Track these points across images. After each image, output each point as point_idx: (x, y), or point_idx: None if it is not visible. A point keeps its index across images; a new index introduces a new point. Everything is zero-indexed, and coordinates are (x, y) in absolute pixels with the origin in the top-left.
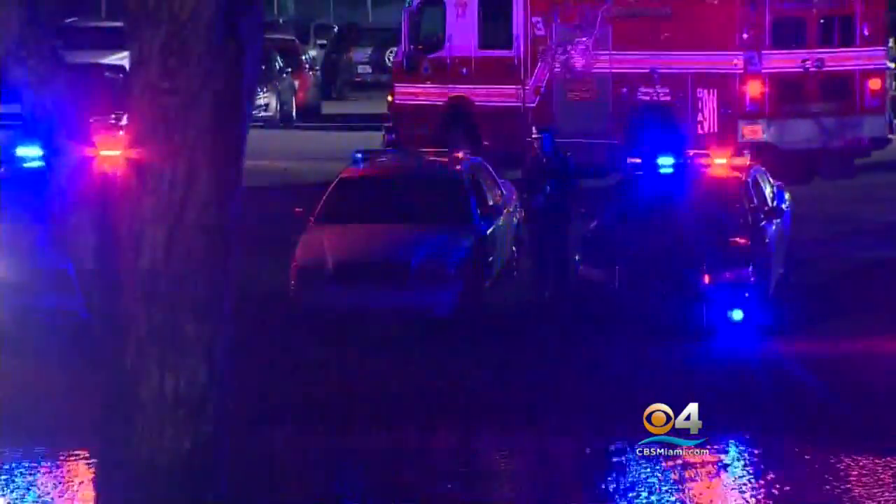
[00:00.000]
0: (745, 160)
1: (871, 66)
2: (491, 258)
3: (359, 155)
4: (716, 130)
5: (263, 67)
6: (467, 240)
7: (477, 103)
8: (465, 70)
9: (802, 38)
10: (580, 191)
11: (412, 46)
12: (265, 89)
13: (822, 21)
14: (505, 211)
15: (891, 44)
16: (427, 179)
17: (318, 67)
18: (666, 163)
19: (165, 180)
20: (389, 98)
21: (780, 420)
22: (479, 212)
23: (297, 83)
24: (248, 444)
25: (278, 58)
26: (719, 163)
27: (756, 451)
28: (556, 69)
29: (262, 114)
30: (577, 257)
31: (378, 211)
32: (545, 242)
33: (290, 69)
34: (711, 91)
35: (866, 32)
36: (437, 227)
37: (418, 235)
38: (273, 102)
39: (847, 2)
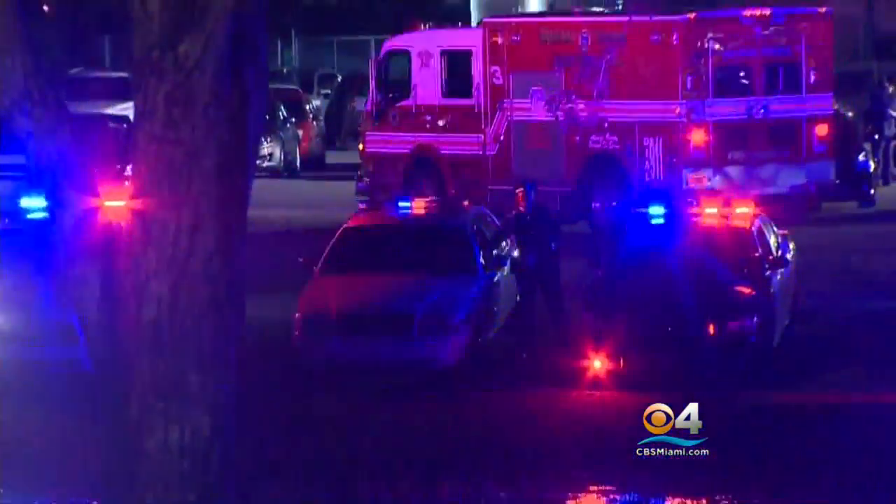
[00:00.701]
0: (749, 210)
1: (818, 113)
2: (495, 308)
3: (363, 205)
4: (662, 178)
5: (268, 117)
6: (472, 290)
7: (442, 151)
8: (429, 118)
9: (747, 86)
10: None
11: (380, 95)
12: (269, 139)
13: (766, 69)
14: (509, 260)
15: (891, 90)
16: (431, 229)
17: (321, 117)
18: (667, 212)
19: (170, 231)
20: (360, 146)
21: (785, 469)
22: (483, 262)
23: (301, 133)
24: (253, 496)
25: (282, 107)
26: (740, 212)
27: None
28: (515, 118)
29: (267, 163)
30: (581, 306)
31: (382, 261)
32: (537, 299)
33: (294, 119)
34: (657, 139)
35: (812, 80)
36: (442, 277)
37: (423, 286)
38: (277, 152)
39: (792, 50)
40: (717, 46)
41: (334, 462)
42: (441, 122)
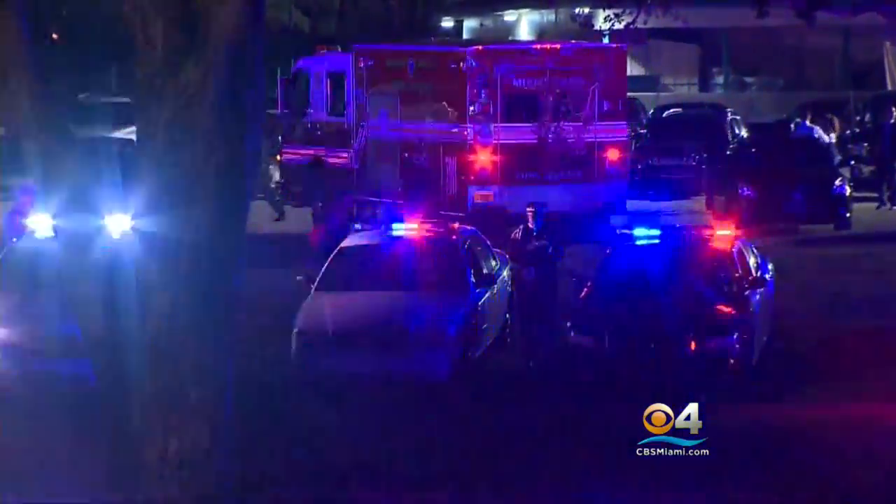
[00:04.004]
0: (730, 232)
1: (610, 139)
2: (485, 325)
3: (358, 226)
4: (455, 194)
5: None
6: (463, 307)
7: (327, 163)
8: (319, 133)
9: (537, 112)
10: (565, 263)
11: (288, 112)
12: (268, 162)
13: (557, 98)
14: (499, 279)
15: (807, 121)
16: (424, 249)
17: None
18: (651, 233)
19: (171, 249)
20: (278, 157)
21: (762, 483)
22: (473, 280)
23: None
24: None
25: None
26: (721, 234)
27: None
28: (370, 135)
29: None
30: (567, 324)
31: (377, 279)
32: (534, 312)
33: None
34: (452, 159)
35: (605, 108)
36: (434, 294)
37: (416, 303)
38: (276, 174)
39: (585, 80)
40: (506, 75)
41: (330, 472)
42: (326, 137)
